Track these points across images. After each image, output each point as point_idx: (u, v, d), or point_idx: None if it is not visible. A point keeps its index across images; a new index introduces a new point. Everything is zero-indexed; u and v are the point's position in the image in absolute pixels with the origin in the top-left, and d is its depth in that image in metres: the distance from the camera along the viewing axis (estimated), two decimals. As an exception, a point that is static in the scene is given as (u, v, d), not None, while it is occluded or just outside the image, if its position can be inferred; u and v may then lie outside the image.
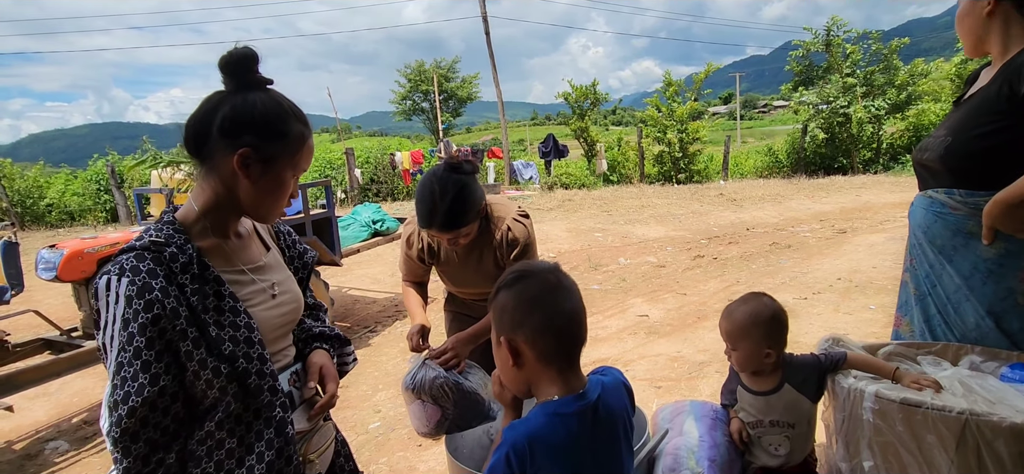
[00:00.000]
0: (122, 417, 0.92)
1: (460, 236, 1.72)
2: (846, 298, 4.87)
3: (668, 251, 7.35)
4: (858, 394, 1.45)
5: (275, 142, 1.04)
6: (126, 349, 0.93)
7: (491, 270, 1.90)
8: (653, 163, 15.88)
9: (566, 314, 1.03)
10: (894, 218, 8.51)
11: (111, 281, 0.95)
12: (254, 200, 1.06)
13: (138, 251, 0.98)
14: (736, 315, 1.57)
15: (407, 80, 33.59)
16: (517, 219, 1.86)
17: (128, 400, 0.92)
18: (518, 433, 0.99)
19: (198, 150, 1.04)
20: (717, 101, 65.53)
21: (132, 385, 0.93)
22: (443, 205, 1.64)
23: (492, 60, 15.99)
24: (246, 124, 1.01)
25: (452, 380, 1.66)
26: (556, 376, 1.03)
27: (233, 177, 1.04)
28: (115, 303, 0.94)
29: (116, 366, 0.94)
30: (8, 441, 3.40)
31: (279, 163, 1.05)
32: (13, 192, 12.52)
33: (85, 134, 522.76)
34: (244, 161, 1.02)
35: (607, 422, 1.05)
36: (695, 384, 3.49)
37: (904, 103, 15.71)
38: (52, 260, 3.36)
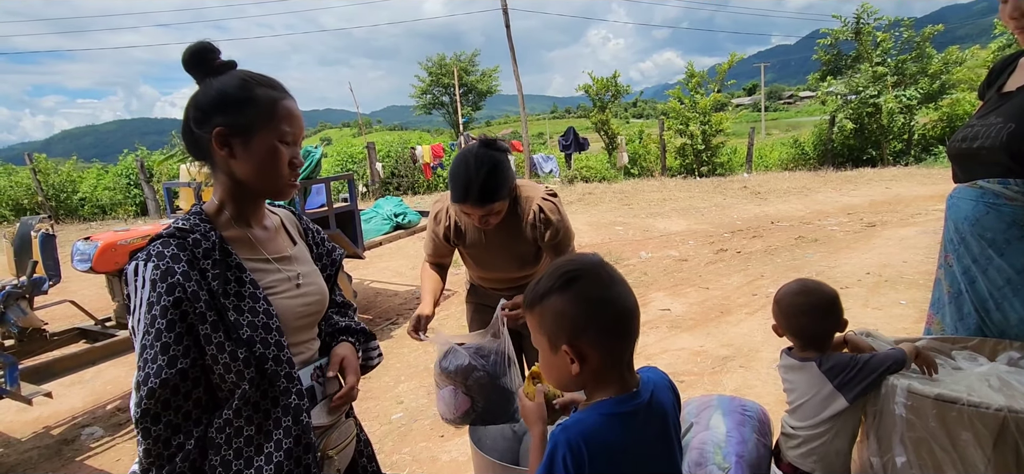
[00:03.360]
0: (143, 397, 0.95)
1: (492, 212, 1.74)
2: (875, 293, 4.76)
3: (690, 245, 7.27)
4: (890, 389, 1.42)
5: (245, 110, 1.03)
6: (149, 331, 0.96)
7: (521, 252, 1.91)
8: (675, 156, 15.68)
9: (627, 309, 0.99)
10: (926, 211, 8.28)
11: (139, 266, 0.99)
12: (252, 175, 1.07)
13: (164, 238, 1.01)
14: (780, 290, 1.59)
15: (428, 73, 33.68)
16: (546, 198, 1.87)
17: (148, 381, 0.95)
18: (572, 433, 0.95)
19: (195, 153, 1.08)
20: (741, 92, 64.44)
21: (152, 366, 0.95)
22: (478, 179, 1.67)
23: (512, 53, 15.94)
24: (212, 106, 1.03)
25: (490, 375, 1.67)
26: (616, 377, 1.01)
27: (223, 161, 1.05)
28: (142, 287, 0.98)
29: (140, 348, 0.96)
30: (46, 426, 3.52)
31: (256, 131, 1.04)
32: (48, 186, 12.91)
33: (114, 130, 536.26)
34: (222, 140, 1.03)
35: (659, 421, 1.03)
36: (719, 379, 3.45)
37: (937, 92, 15.20)
38: (87, 252, 3.46)
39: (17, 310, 2.99)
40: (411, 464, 2.86)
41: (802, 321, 1.52)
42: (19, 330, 3.05)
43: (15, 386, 2.61)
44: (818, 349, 1.52)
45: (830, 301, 1.51)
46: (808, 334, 1.52)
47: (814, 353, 1.52)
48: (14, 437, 3.41)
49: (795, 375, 1.54)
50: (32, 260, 3.04)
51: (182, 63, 1.06)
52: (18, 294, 2.96)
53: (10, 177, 13.32)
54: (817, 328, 1.52)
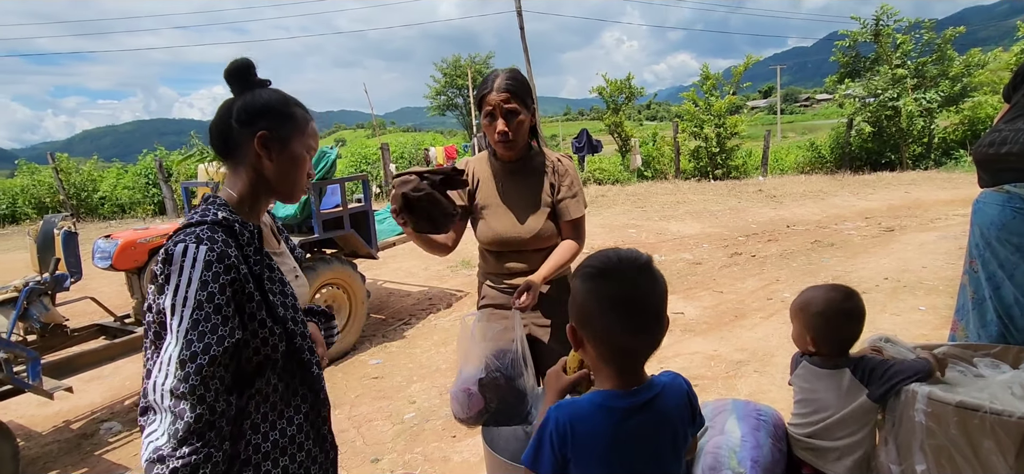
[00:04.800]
0: (202, 365, 1.01)
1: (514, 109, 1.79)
2: (894, 298, 4.69)
3: (704, 248, 7.21)
4: (909, 395, 1.40)
5: (286, 123, 1.19)
6: (204, 306, 1.04)
7: (541, 206, 1.89)
8: (689, 158, 15.57)
9: (636, 325, 1.00)
10: (946, 216, 8.13)
11: (189, 247, 1.05)
12: (279, 177, 1.20)
13: (209, 225, 1.10)
14: (800, 298, 1.57)
15: (442, 75, 33.88)
16: (565, 157, 1.98)
17: (209, 350, 1.02)
18: (562, 414, 1.01)
19: (224, 147, 1.19)
20: (756, 95, 63.76)
21: (211, 337, 1.03)
22: (505, 72, 1.83)
23: (526, 55, 15.96)
24: (259, 112, 1.16)
25: (506, 376, 1.68)
26: (614, 374, 1.04)
27: (258, 160, 1.18)
28: (192, 266, 1.04)
29: (191, 323, 1.02)
30: (66, 420, 3.59)
31: (292, 141, 1.20)
32: (70, 185, 13.17)
33: (132, 130, 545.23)
34: (264, 142, 1.16)
35: (654, 424, 1.04)
36: (733, 383, 3.42)
37: (959, 95, 14.93)
38: (107, 250, 3.52)
39: (40, 306, 3.05)
40: (423, 464, 2.87)
41: (845, 326, 1.50)
42: (41, 326, 3.11)
43: (37, 381, 2.66)
44: (846, 355, 1.52)
45: (863, 304, 1.53)
46: (845, 338, 1.51)
47: (839, 360, 1.51)
48: (35, 430, 3.48)
49: (821, 383, 1.51)
50: (55, 258, 3.10)
51: (225, 75, 1.20)
52: (41, 290, 3.02)
53: (33, 176, 13.60)
54: (855, 333, 1.51)
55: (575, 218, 1.91)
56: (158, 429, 1.02)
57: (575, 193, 1.91)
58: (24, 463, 2.93)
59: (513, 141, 1.82)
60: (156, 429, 1.02)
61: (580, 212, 1.92)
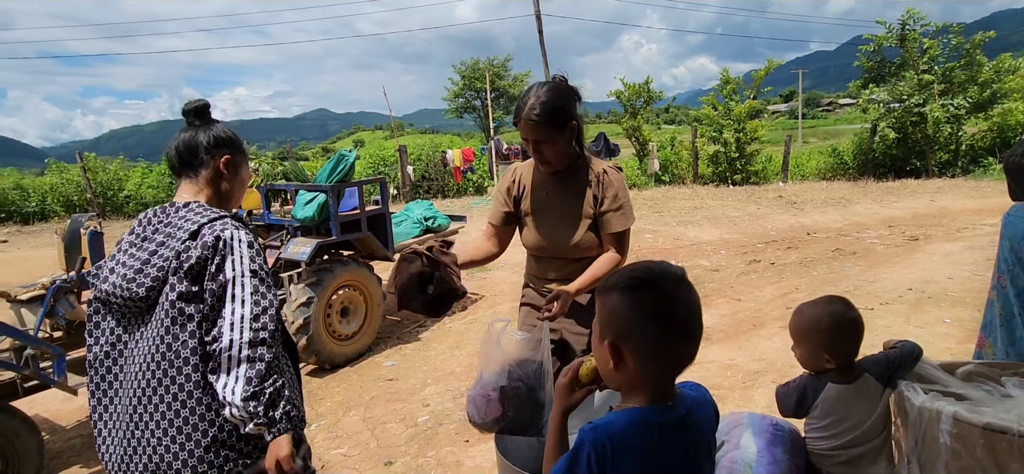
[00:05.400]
0: (272, 317, 1.33)
1: (546, 136, 1.75)
2: (917, 310, 4.58)
3: (722, 255, 7.13)
4: (934, 415, 1.36)
5: (240, 153, 1.56)
6: (258, 273, 1.35)
7: (585, 216, 1.88)
8: (707, 163, 15.40)
9: (680, 338, 0.99)
10: (974, 225, 7.93)
11: (233, 233, 1.35)
12: (232, 191, 1.55)
13: (230, 218, 1.41)
14: (801, 317, 1.54)
15: (461, 77, 34.02)
16: (612, 167, 1.92)
17: (271, 306, 1.34)
18: (600, 434, 0.96)
19: (190, 163, 1.48)
20: (777, 99, 62.86)
21: (269, 296, 1.34)
22: (537, 95, 1.74)
23: (544, 58, 15.96)
24: (225, 142, 1.51)
25: (528, 387, 1.67)
26: (650, 388, 1.00)
27: (218, 177, 1.50)
28: (240, 244, 1.34)
29: (252, 288, 1.32)
30: (89, 416, 3.67)
31: (243, 167, 1.57)
32: (97, 184, 13.47)
33: (157, 130, 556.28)
34: (226, 165, 1.51)
35: (692, 439, 1.02)
36: (750, 394, 3.37)
37: (988, 102, 14.54)
38: (131, 249, 3.59)
39: (66, 304, 3.11)
40: (436, 468, 2.87)
41: (857, 334, 1.50)
42: (67, 323, 3.18)
43: (62, 377, 2.72)
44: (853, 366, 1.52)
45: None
46: (857, 347, 1.51)
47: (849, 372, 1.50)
48: (59, 425, 3.56)
49: (851, 397, 1.49)
50: (81, 256, 3.17)
51: (185, 111, 1.53)
52: (67, 288, 3.09)
53: (62, 175, 13.93)
54: (861, 339, 1.50)
55: (617, 231, 1.87)
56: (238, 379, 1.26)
57: (619, 206, 1.86)
58: (48, 456, 2.99)
59: (550, 162, 1.82)
60: (236, 380, 1.26)
61: (624, 226, 1.87)
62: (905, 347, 1.53)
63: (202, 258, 1.30)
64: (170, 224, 1.36)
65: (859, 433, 1.48)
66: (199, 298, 1.30)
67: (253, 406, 1.24)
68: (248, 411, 1.25)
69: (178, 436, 1.29)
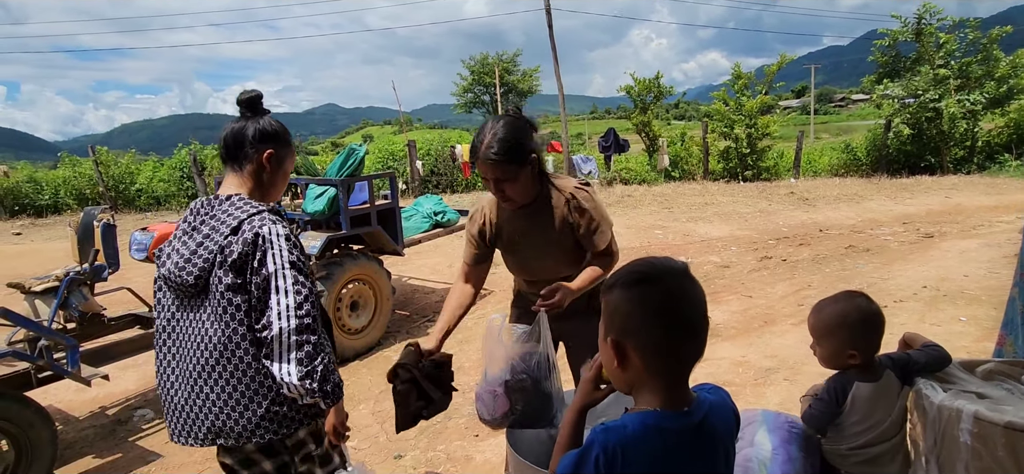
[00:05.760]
0: (313, 303, 1.44)
1: (506, 176, 1.70)
2: (932, 308, 4.52)
3: (732, 251, 7.07)
4: (954, 414, 1.33)
5: (284, 148, 1.60)
6: (297, 265, 1.43)
7: (559, 247, 1.86)
8: (718, 159, 15.28)
9: (685, 332, 0.95)
10: (990, 223, 7.81)
11: (270, 228, 1.43)
12: (274, 184, 1.60)
13: (269, 212, 1.48)
14: (824, 313, 1.50)
15: (470, 72, 33.94)
16: (578, 187, 1.85)
17: (311, 295, 1.43)
18: (611, 437, 0.92)
19: (236, 154, 1.54)
20: (789, 94, 62.31)
21: (309, 286, 1.44)
22: (495, 131, 1.67)
23: (554, 53, 15.88)
24: (271, 136, 1.55)
25: (533, 378, 1.66)
26: (660, 389, 0.96)
27: (261, 169, 1.55)
28: (278, 238, 1.42)
29: (293, 279, 1.41)
30: (102, 406, 3.71)
31: (286, 160, 1.61)
32: (109, 178, 13.60)
33: (167, 125, 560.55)
34: (270, 159, 1.55)
35: (708, 445, 0.98)
36: (762, 391, 3.34)
37: (1004, 97, 14.29)
38: (144, 241, 3.62)
39: (79, 295, 3.15)
40: (445, 462, 2.87)
41: (881, 328, 1.48)
42: (80, 314, 3.21)
43: (76, 368, 2.75)
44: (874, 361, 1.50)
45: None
46: (879, 345, 1.48)
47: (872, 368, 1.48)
48: (73, 415, 3.60)
49: (878, 395, 1.47)
50: (94, 249, 3.20)
51: (239, 101, 1.57)
52: (81, 280, 3.12)
53: (74, 168, 14.09)
54: (882, 336, 1.48)
55: (601, 249, 1.87)
56: (290, 364, 1.38)
57: (596, 227, 1.84)
58: (61, 447, 3.03)
59: (513, 199, 1.78)
60: (289, 364, 1.38)
61: (605, 241, 1.86)
62: (933, 353, 1.48)
63: (243, 253, 1.40)
64: (214, 217, 1.46)
65: (879, 432, 1.46)
66: (244, 290, 1.41)
67: (309, 383, 1.39)
68: (305, 388, 1.40)
69: (237, 406, 1.45)
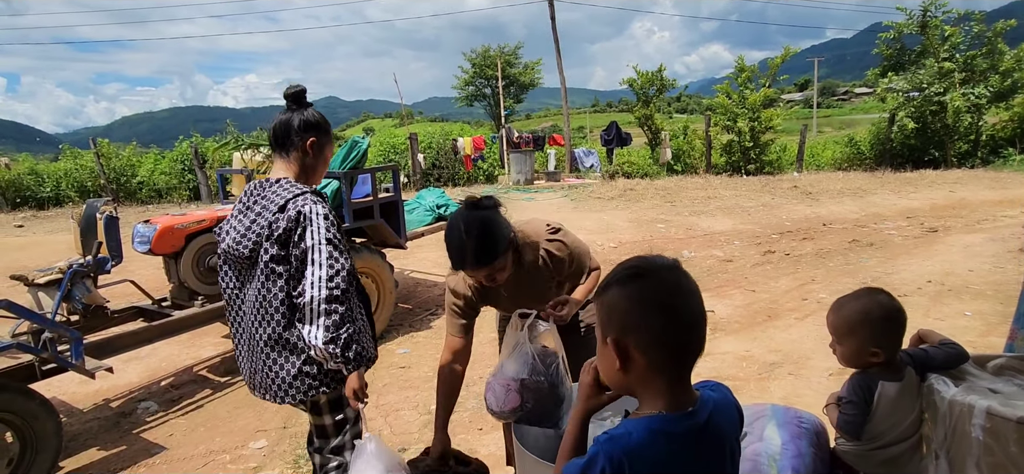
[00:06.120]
0: (344, 277, 1.61)
1: (495, 271, 1.69)
2: (937, 303, 4.50)
3: (735, 245, 7.06)
4: (966, 409, 1.32)
5: (325, 136, 1.81)
6: (333, 241, 1.63)
7: (547, 288, 1.88)
8: (721, 153, 15.23)
9: (685, 322, 0.93)
10: (994, 217, 7.79)
11: (312, 207, 1.63)
12: (316, 168, 1.81)
13: (311, 193, 1.68)
14: (845, 310, 1.48)
15: (471, 65, 33.80)
16: (550, 240, 1.83)
17: (343, 269, 1.62)
18: (616, 446, 0.90)
19: (282, 143, 1.76)
20: (792, 88, 61.99)
21: (345, 259, 1.63)
22: (471, 242, 1.63)
23: (557, 45, 15.82)
24: (312, 126, 1.77)
25: (550, 382, 1.66)
26: (665, 388, 0.94)
27: (305, 155, 1.77)
28: (317, 217, 1.62)
29: (327, 254, 1.60)
30: (106, 399, 3.71)
31: (326, 147, 1.82)
32: (110, 170, 13.60)
33: (169, 117, 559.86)
34: (312, 146, 1.77)
35: (714, 445, 0.96)
36: (765, 385, 3.33)
37: (1009, 91, 14.23)
38: (147, 234, 3.61)
39: (82, 288, 3.14)
40: (449, 455, 2.87)
41: (904, 324, 1.47)
42: (83, 306, 3.21)
43: (80, 360, 2.75)
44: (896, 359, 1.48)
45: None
46: (901, 342, 1.47)
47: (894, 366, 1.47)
48: (76, 407, 3.60)
49: (902, 395, 1.46)
50: (97, 241, 3.19)
51: (286, 95, 1.77)
52: (84, 273, 3.11)
53: (76, 160, 14.08)
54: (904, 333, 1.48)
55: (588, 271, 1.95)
56: (317, 328, 1.58)
57: (576, 263, 1.89)
58: (66, 439, 3.03)
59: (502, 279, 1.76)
60: (316, 329, 1.58)
61: (587, 265, 1.94)
62: (951, 351, 1.47)
63: (287, 228, 1.61)
64: (265, 197, 1.68)
65: (900, 431, 1.45)
66: (286, 260, 1.62)
67: (332, 348, 1.57)
68: (329, 352, 1.58)
69: (273, 367, 1.69)
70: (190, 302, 3.82)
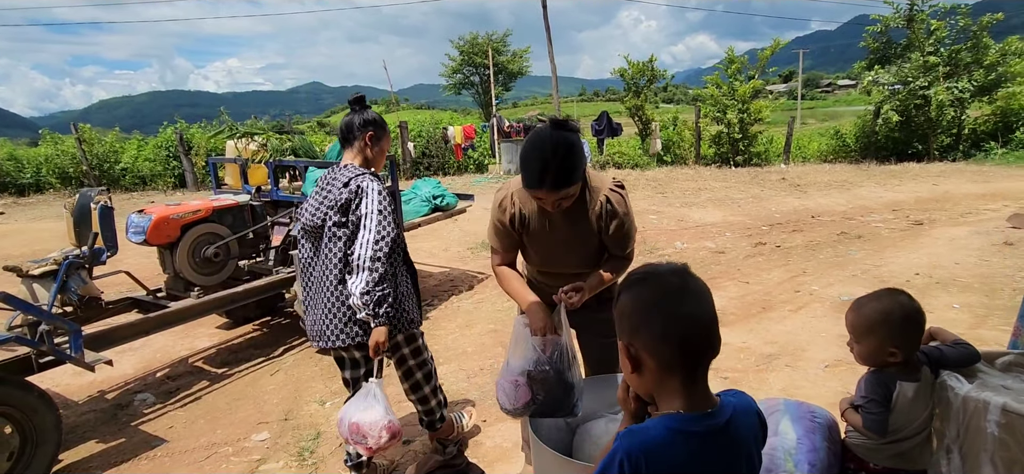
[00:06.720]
0: (387, 242, 1.99)
1: (567, 196, 1.70)
2: (926, 296, 4.59)
3: (727, 237, 7.13)
4: (981, 406, 1.36)
5: (381, 130, 2.26)
6: (383, 212, 2.01)
7: (584, 242, 1.88)
8: (709, 144, 15.33)
9: (688, 321, 0.96)
10: (977, 210, 7.95)
11: (368, 182, 2.05)
12: (374, 159, 2.25)
13: (369, 174, 2.10)
14: (865, 310, 1.51)
15: (459, 52, 33.53)
16: (614, 190, 1.86)
17: (388, 236, 2.00)
18: (634, 442, 0.93)
19: (347, 138, 2.22)
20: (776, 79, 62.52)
21: (387, 229, 2.01)
22: (555, 162, 1.63)
23: (548, 33, 15.75)
24: (370, 123, 2.22)
25: (555, 369, 1.66)
26: (679, 387, 0.97)
27: (365, 147, 2.21)
28: (372, 191, 2.03)
29: (377, 222, 1.98)
30: (101, 391, 3.66)
31: (382, 140, 2.26)
32: (92, 156, 13.27)
33: (147, 101, 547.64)
34: (371, 139, 2.22)
35: (733, 450, 0.99)
36: (764, 377, 3.38)
37: (992, 85, 14.46)
38: (141, 224, 3.54)
39: (78, 279, 3.08)
40: (454, 447, 2.87)
41: (923, 325, 1.50)
42: (78, 298, 3.15)
43: (79, 353, 2.70)
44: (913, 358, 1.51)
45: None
46: (919, 342, 1.50)
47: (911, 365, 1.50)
48: (71, 400, 3.55)
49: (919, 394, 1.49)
50: (93, 232, 3.13)
51: (350, 101, 2.26)
52: (80, 264, 3.05)
53: (57, 146, 13.71)
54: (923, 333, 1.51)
55: (623, 252, 1.91)
56: (359, 280, 1.96)
57: (625, 231, 1.87)
58: (63, 431, 2.98)
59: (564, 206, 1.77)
60: (359, 280, 1.96)
61: (628, 247, 1.91)
62: (964, 351, 1.51)
63: (347, 199, 2.02)
64: (335, 178, 2.11)
65: (913, 426, 1.48)
66: (346, 225, 2.02)
67: (365, 300, 1.93)
68: (362, 302, 1.93)
69: (327, 315, 2.07)
70: (186, 293, 3.77)
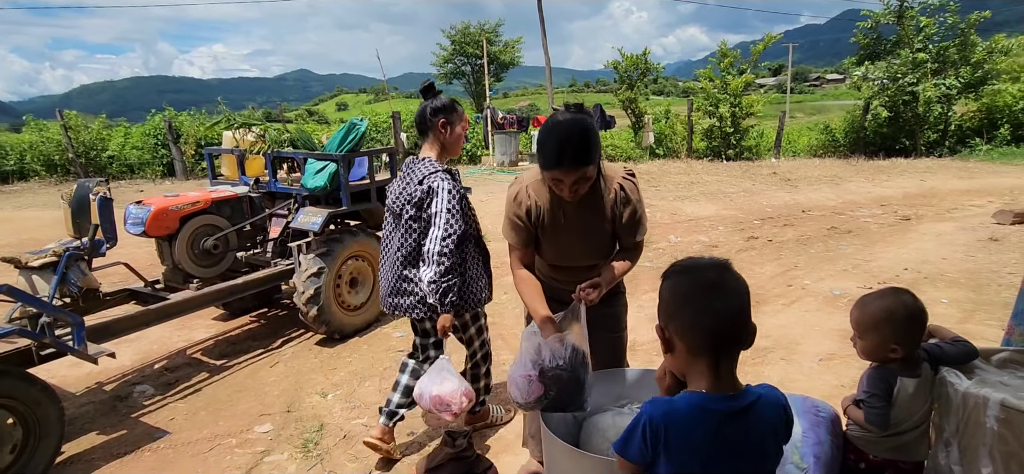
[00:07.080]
0: (454, 239, 2.20)
1: (584, 177, 1.73)
2: (915, 290, 4.54)
3: (720, 231, 7.21)
4: (980, 401, 1.41)
5: (453, 114, 2.37)
6: (452, 211, 2.22)
7: (598, 233, 1.91)
8: (701, 137, 15.42)
9: (716, 314, 1.04)
10: (963, 206, 8.10)
11: (440, 182, 2.25)
12: (451, 145, 2.40)
13: (443, 171, 2.29)
14: (870, 308, 1.55)
15: (451, 42, 33.25)
16: (626, 178, 1.91)
17: (454, 233, 2.21)
18: (657, 410, 1.04)
19: (422, 127, 2.37)
20: (765, 73, 62.84)
21: (457, 225, 2.22)
22: (572, 142, 1.68)
23: (542, 23, 15.71)
24: (442, 110, 2.35)
25: (570, 365, 1.69)
26: (706, 370, 1.05)
27: (439, 134, 2.36)
28: (443, 191, 2.23)
29: (445, 220, 2.21)
30: (99, 382, 3.64)
31: (457, 126, 2.39)
32: (78, 143, 13.01)
33: (130, 86, 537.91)
34: (444, 126, 2.35)
35: (751, 433, 1.05)
36: (760, 370, 3.45)
37: (979, 82, 14.68)
38: (140, 216, 3.52)
39: (77, 271, 3.06)
40: (457, 439, 2.91)
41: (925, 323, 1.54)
42: (77, 290, 3.13)
43: (82, 345, 2.69)
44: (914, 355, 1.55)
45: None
46: (921, 340, 1.55)
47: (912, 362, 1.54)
48: (70, 391, 3.53)
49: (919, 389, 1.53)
50: (93, 223, 3.11)
51: (421, 90, 2.42)
52: (79, 256, 3.03)
53: (41, 132, 13.41)
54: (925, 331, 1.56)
55: (636, 241, 1.95)
56: (429, 271, 2.21)
57: (638, 221, 1.91)
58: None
59: (580, 193, 1.80)
60: (428, 271, 2.21)
61: (641, 235, 1.94)
62: (963, 348, 1.56)
63: (421, 197, 2.25)
64: (414, 171, 2.30)
65: (913, 420, 1.54)
66: (420, 219, 2.27)
67: (433, 288, 2.19)
68: (430, 288, 2.19)
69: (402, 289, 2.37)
70: (185, 285, 3.75)
